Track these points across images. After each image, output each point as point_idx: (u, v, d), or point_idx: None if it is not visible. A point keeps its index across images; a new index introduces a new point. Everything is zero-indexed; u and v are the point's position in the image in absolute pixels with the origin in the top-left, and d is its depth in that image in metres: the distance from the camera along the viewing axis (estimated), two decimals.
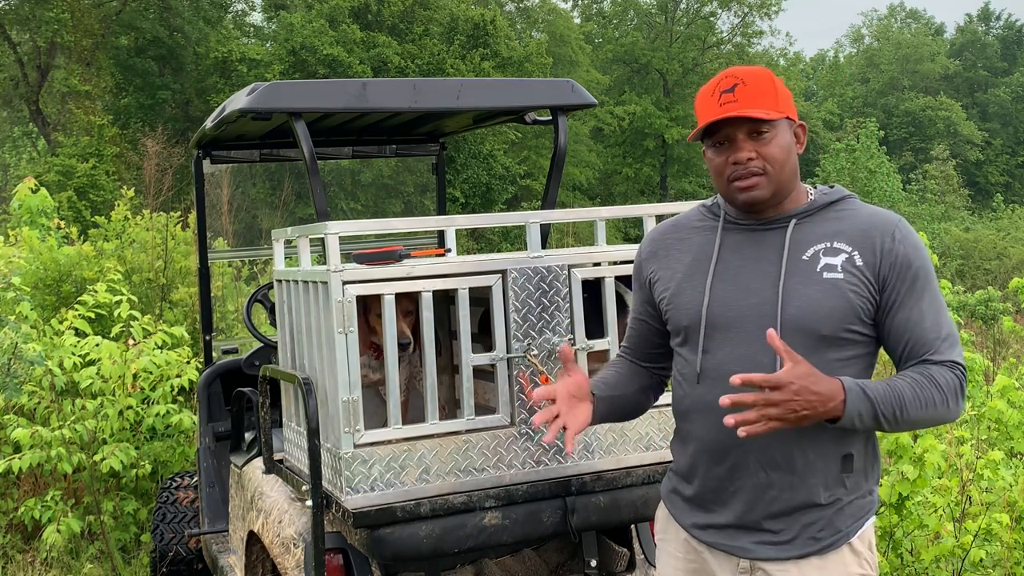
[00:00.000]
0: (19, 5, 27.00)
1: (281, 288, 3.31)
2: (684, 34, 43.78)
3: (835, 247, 2.08)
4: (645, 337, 2.37)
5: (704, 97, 2.10)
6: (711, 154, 2.13)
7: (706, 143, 2.14)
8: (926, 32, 59.15)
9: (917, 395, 1.98)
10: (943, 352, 2.03)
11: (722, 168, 2.10)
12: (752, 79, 2.06)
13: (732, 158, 2.08)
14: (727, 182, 2.11)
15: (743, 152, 2.07)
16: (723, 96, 2.06)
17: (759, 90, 2.06)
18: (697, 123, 2.14)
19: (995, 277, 24.69)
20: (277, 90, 3.41)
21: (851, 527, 2.11)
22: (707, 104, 2.09)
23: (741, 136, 2.07)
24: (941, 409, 2.00)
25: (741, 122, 2.06)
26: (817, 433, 2.06)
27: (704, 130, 2.10)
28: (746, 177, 2.07)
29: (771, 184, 2.08)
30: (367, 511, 2.70)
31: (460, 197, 28.45)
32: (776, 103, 2.07)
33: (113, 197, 16.88)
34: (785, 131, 2.09)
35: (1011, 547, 4.02)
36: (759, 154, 2.07)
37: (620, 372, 2.40)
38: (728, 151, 2.09)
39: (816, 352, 2.02)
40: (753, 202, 2.10)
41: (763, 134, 2.07)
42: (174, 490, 4.95)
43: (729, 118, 2.05)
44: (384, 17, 31.61)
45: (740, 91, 2.05)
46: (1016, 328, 7.37)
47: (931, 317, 2.05)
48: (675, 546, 2.27)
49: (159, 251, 8.09)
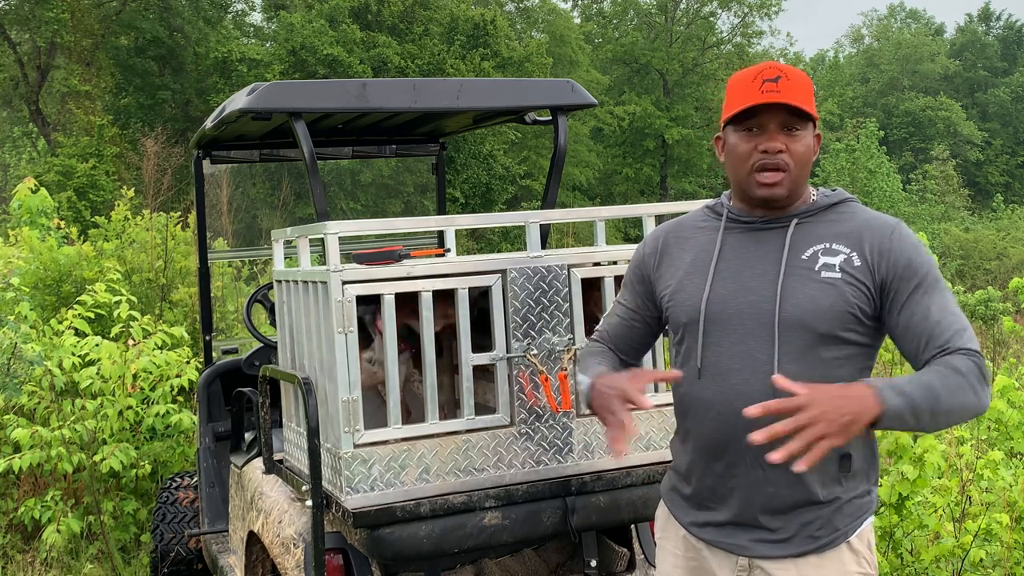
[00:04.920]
0: (19, 5, 26.97)
1: (281, 288, 3.31)
2: (684, 34, 43.77)
3: (834, 248, 2.09)
4: (631, 330, 2.37)
5: (744, 82, 2.09)
6: (737, 139, 2.11)
7: (733, 128, 2.12)
8: (926, 32, 59.13)
9: (945, 384, 1.93)
10: (956, 343, 2.00)
11: (748, 155, 2.10)
12: (795, 76, 2.08)
13: (763, 146, 2.08)
14: (750, 170, 2.10)
15: (776, 142, 2.07)
16: (766, 84, 2.05)
17: (801, 87, 2.07)
18: (725, 106, 2.12)
19: (995, 277, 24.70)
20: (277, 90, 3.41)
21: (849, 526, 2.11)
22: (747, 89, 2.07)
23: (775, 126, 2.07)
24: (969, 394, 1.94)
25: (779, 112, 2.06)
26: None
27: (736, 114, 2.09)
28: (772, 169, 2.08)
29: (791, 182, 2.10)
30: (367, 511, 2.70)
31: (460, 197, 28.44)
32: (811, 104, 2.09)
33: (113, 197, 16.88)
34: (811, 134, 2.11)
35: (1011, 547, 4.02)
36: (788, 148, 2.08)
37: (612, 366, 2.36)
38: (758, 138, 2.08)
39: (813, 350, 2.04)
40: (772, 198, 2.11)
41: (795, 131, 2.08)
42: (174, 490, 4.94)
43: (771, 104, 2.05)
44: (384, 17, 31.61)
45: (784, 83, 2.05)
46: (1016, 328, 7.37)
47: (939, 312, 2.03)
48: (674, 544, 2.28)
49: (159, 251, 8.09)
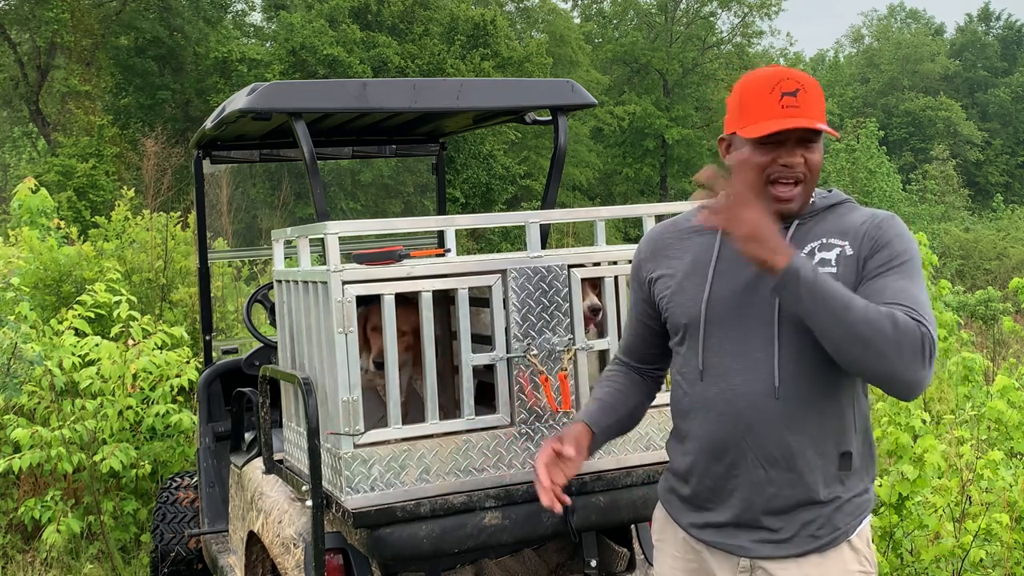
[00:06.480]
0: (19, 5, 26.99)
1: (281, 288, 3.31)
2: (684, 34, 43.78)
3: (830, 243, 2.10)
4: (643, 338, 2.37)
5: (761, 94, 2.07)
6: (752, 151, 2.08)
7: (749, 140, 2.09)
8: (926, 32, 59.15)
9: (866, 308, 1.90)
10: (913, 313, 1.93)
11: (765, 166, 2.08)
12: (812, 87, 2.07)
13: (783, 161, 2.07)
14: (766, 181, 2.09)
15: (796, 157, 2.07)
16: (785, 98, 2.04)
17: (818, 100, 2.07)
18: (740, 112, 2.09)
19: (995, 277, 24.71)
20: (277, 90, 3.41)
21: (850, 525, 2.12)
22: (766, 103, 2.05)
23: (793, 141, 2.06)
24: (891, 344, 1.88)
25: (800, 128, 2.05)
26: (816, 431, 2.07)
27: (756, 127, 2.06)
28: (788, 182, 2.08)
29: (806, 194, 2.11)
30: (367, 511, 2.70)
31: (460, 197, 28.44)
32: (825, 114, 2.09)
33: (113, 197, 16.87)
34: (822, 143, 2.12)
35: (1011, 547, 4.02)
36: (806, 161, 2.08)
37: (617, 390, 2.39)
38: (777, 152, 2.07)
39: (813, 348, 2.03)
40: (787, 213, 2.11)
41: (812, 143, 2.08)
42: (174, 490, 4.94)
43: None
44: (384, 17, 31.61)
45: (803, 97, 2.04)
46: (1016, 328, 7.37)
47: (909, 292, 1.98)
48: (673, 546, 2.27)
49: (159, 251, 8.09)
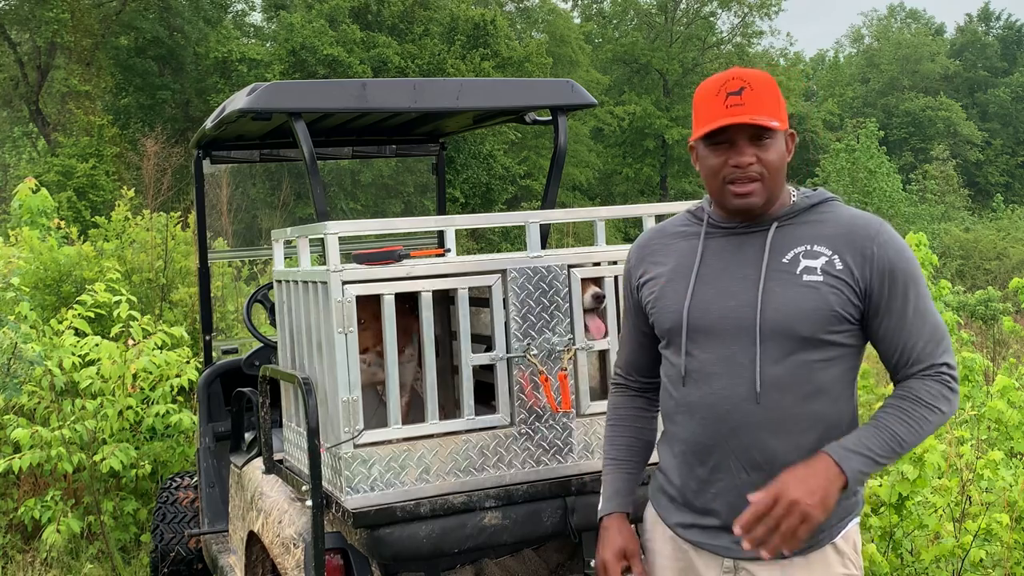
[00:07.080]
0: (19, 5, 26.97)
1: (281, 288, 3.31)
2: (684, 34, 43.77)
3: (815, 250, 2.08)
4: (642, 345, 2.37)
5: (708, 96, 2.07)
6: (707, 153, 2.11)
7: (702, 142, 2.11)
8: (926, 32, 59.08)
9: (908, 425, 2.03)
10: (926, 359, 2.07)
11: (719, 169, 2.09)
12: (759, 84, 2.05)
13: (733, 161, 2.07)
14: (722, 183, 2.09)
15: (745, 156, 2.06)
16: (730, 98, 2.04)
17: (766, 95, 2.05)
18: (694, 119, 2.12)
19: (995, 277, 24.70)
20: (277, 90, 3.41)
21: (834, 527, 2.11)
22: (712, 104, 2.06)
23: (743, 140, 2.05)
24: (935, 419, 2.05)
25: (747, 126, 2.04)
26: (798, 434, 2.06)
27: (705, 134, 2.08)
28: (744, 182, 2.07)
29: (766, 191, 2.09)
30: (367, 511, 2.70)
31: (460, 197, 28.44)
32: (778, 111, 2.07)
33: (113, 197, 16.87)
34: (782, 139, 2.10)
35: (1011, 547, 4.02)
36: (759, 159, 2.06)
37: (630, 445, 2.39)
38: (728, 153, 2.07)
39: (796, 354, 2.04)
40: (748, 208, 2.10)
41: (765, 140, 2.06)
42: (174, 490, 4.94)
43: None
44: (384, 17, 31.60)
45: (748, 95, 2.03)
46: (1016, 328, 7.37)
47: (917, 322, 2.07)
48: (662, 545, 2.28)
49: (159, 251, 8.09)
